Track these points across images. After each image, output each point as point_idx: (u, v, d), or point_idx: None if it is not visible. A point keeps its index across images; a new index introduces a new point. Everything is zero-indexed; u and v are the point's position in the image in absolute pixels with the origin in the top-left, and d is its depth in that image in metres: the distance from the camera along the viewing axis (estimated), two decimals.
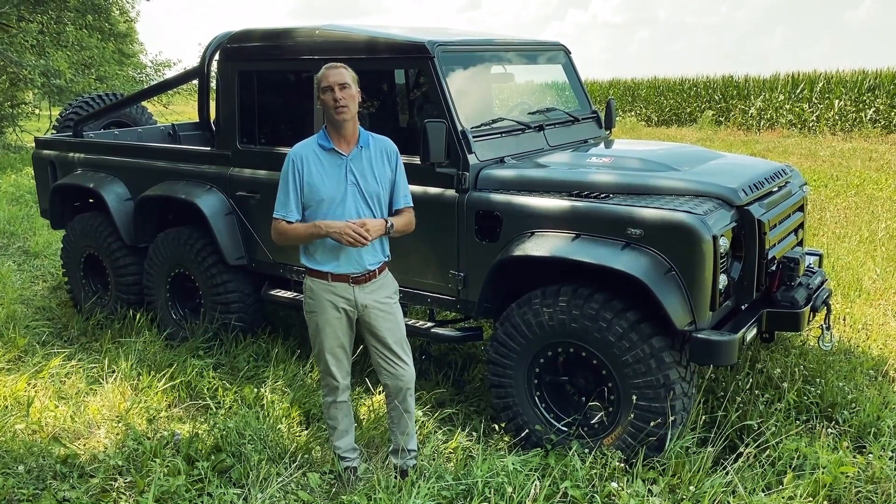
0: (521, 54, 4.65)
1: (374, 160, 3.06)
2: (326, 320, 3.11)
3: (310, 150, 3.02)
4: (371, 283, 3.13)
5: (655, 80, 24.16)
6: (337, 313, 3.11)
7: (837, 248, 6.63)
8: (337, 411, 3.29)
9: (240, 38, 4.54)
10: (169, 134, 6.30)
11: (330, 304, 3.09)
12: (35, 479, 3.31)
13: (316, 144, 3.03)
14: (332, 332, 3.13)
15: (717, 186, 3.43)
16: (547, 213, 3.46)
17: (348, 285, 3.08)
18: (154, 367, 4.41)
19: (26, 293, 6.22)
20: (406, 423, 3.28)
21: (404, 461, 3.33)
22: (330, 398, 3.27)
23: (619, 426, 3.30)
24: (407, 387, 3.24)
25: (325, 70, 2.98)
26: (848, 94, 19.12)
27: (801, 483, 3.07)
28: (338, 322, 3.12)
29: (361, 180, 3.02)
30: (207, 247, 4.69)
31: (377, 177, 3.06)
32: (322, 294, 3.09)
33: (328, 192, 2.99)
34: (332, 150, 3.01)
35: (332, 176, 3.00)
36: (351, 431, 3.36)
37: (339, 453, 3.33)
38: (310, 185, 2.99)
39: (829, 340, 3.84)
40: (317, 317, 3.13)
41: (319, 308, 3.11)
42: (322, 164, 3.01)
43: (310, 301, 3.14)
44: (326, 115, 3.00)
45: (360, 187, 3.02)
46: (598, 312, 3.25)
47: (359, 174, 3.02)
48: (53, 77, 15.52)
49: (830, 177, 10.80)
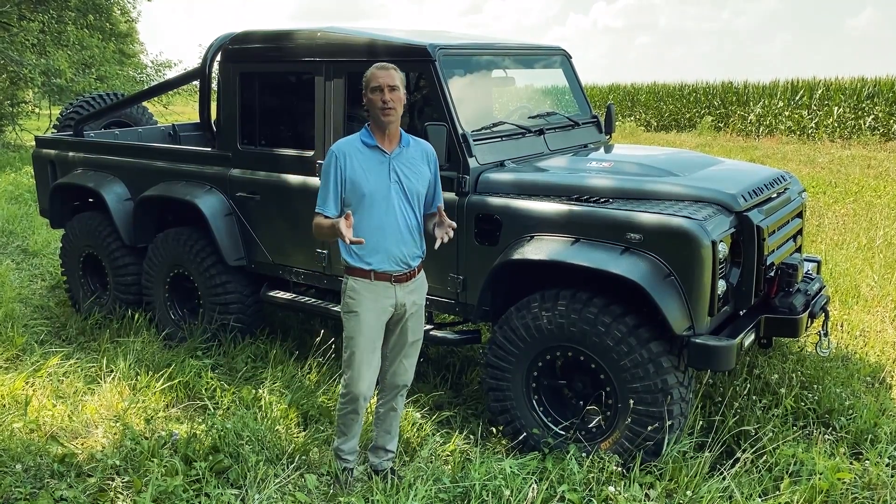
0: (522, 58, 4.66)
1: (415, 160, 3.09)
2: (366, 320, 3.07)
3: (352, 146, 3.01)
4: (411, 283, 3.13)
5: (655, 85, 24.19)
6: (378, 314, 3.08)
7: (835, 255, 6.65)
8: (351, 420, 3.25)
9: (241, 40, 4.55)
10: (169, 134, 6.30)
11: (373, 304, 3.06)
12: (33, 478, 3.31)
13: (359, 141, 3.03)
14: (370, 333, 3.09)
15: (717, 192, 3.44)
16: (546, 216, 3.47)
17: (390, 284, 3.07)
18: (152, 368, 4.40)
19: (25, 292, 6.21)
20: (390, 421, 3.32)
21: (381, 461, 3.35)
22: (349, 407, 3.21)
23: (617, 430, 3.31)
24: (406, 386, 3.29)
25: (375, 70, 2.97)
26: (847, 101, 19.16)
27: (797, 489, 3.08)
28: (377, 323, 3.09)
29: (404, 178, 3.05)
30: (207, 247, 4.69)
31: (419, 176, 3.09)
32: (364, 293, 3.06)
33: (371, 187, 2.99)
34: (375, 147, 3.02)
35: (375, 172, 3.01)
36: (357, 437, 3.34)
37: (341, 455, 3.32)
38: (352, 181, 2.98)
39: (827, 347, 3.84)
40: (356, 317, 3.08)
41: (361, 307, 3.06)
42: (365, 160, 3.00)
43: (350, 300, 3.09)
44: (372, 114, 3.00)
45: (402, 185, 3.04)
46: (596, 317, 3.26)
47: (401, 172, 3.04)
48: (54, 76, 15.52)
49: (829, 183, 10.82)
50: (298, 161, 4.27)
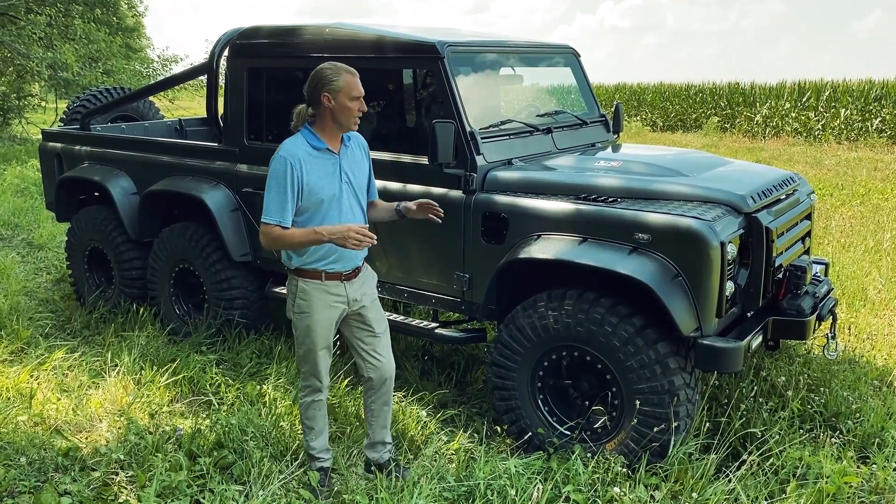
0: (530, 56, 4.64)
1: (357, 156, 3.09)
2: (319, 321, 3.07)
3: (303, 151, 2.94)
4: (359, 278, 3.14)
5: (661, 85, 24.12)
6: (330, 313, 3.08)
7: (842, 258, 6.62)
8: (315, 411, 3.25)
9: (249, 35, 4.54)
10: (176, 129, 6.30)
11: (324, 304, 3.06)
12: (37, 472, 3.31)
13: (306, 144, 2.95)
14: (324, 332, 3.10)
15: (726, 193, 3.42)
16: (554, 216, 3.46)
17: (339, 282, 3.06)
18: (157, 362, 4.40)
19: (30, 285, 6.22)
20: (385, 415, 3.32)
21: (380, 454, 3.35)
22: (310, 398, 3.23)
23: (623, 431, 3.30)
24: (390, 378, 3.27)
25: (352, 78, 2.92)
26: (854, 103, 19.08)
27: (804, 492, 3.06)
28: (330, 322, 3.09)
29: (353, 177, 3.05)
30: (212, 243, 4.69)
31: (361, 172, 3.10)
32: (315, 294, 3.05)
33: (327, 192, 2.96)
34: (325, 149, 2.97)
35: (329, 176, 2.97)
36: (325, 432, 3.32)
37: (314, 454, 3.30)
38: (309, 188, 2.92)
39: (834, 349, 3.82)
40: (309, 318, 3.07)
41: (312, 309, 3.06)
42: (318, 165, 2.96)
43: (301, 302, 3.07)
44: (337, 119, 2.94)
45: (352, 184, 3.04)
46: (603, 317, 3.24)
47: (350, 171, 3.04)
48: (60, 70, 15.54)
49: (836, 186, 10.77)
50: None
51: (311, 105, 2.97)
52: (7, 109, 16.89)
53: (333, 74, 2.91)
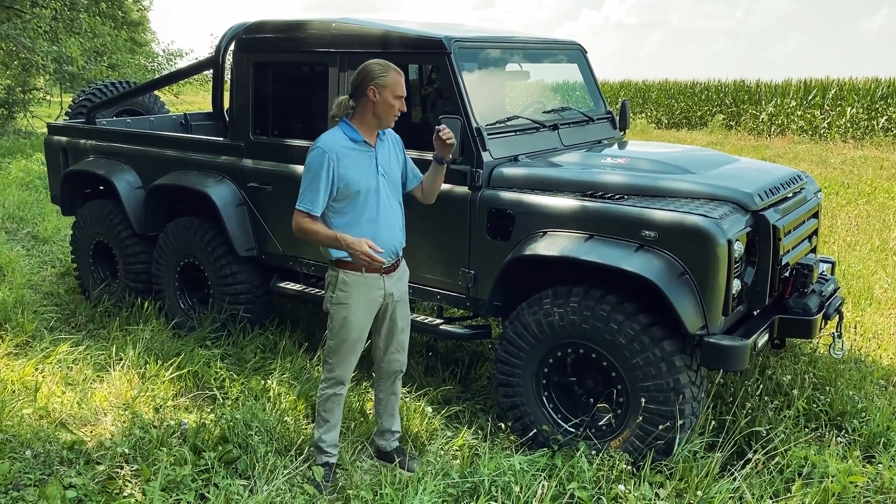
0: (537, 52, 4.63)
1: (390, 150, 3.16)
2: (356, 313, 3.12)
3: (339, 144, 3.00)
4: (397, 272, 3.20)
5: (667, 82, 24.04)
6: (368, 306, 3.13)
7: (848, 257, 6.60)
8: (334, 405, 3.29)
9: (255, 30, 4.53)
10: (181, 123, 6.30)
11: (363, 296, 3.11)
12: (42, 465, 3.31)
13: (344, 137, 3.02)
14: (360, 325, 3.15)
15: (733, 191, 3.40)
16: (560, 212, 3.45)
17: (379, 276, 3.11)
18: (161, 356, 4.40)
19: (35, 278, 6.23)
20: (393, 404, 3.44)
21: (388, 442, 3.46)
22: (332, 391, 3.26)
23: (627, 429, 3.29)
24: (402, 371, 3.40)
25: (399, 77, 2.99)
26: (860, 101, 19.00)
27: (809, 491, 3.05)
28: (367, 315, 3.15)
29: (389, 170, 3.12)
30: (217, 237, 4.68)
31: (395, 166, 3.16)
32: (355, 286, 3.09)
33: (363, 184, 3.02)
34: (363, 142, 3.04)
35: (364, 169, 3.03)
36: (338, 427, 3.36)
37: (323, 447, 3.30)
38: (345, 179, 2.99)
39: (841, 349, 3.81)
40: (347, 309, 3.11)
41: (351, 300, 3.10)
42: (354, 157, 3.02)
43: (340, 293, 3.11)
44: (377, 113, 2.99)
45: (387, 177, 3.11)
46: (609, 314, 3.23)
47: (384, 164, 3.10)
48: (65, 63, 15.57)
49: (841, 184, 10.74)
50: None
51: (354, 97, 3.02)
52: (12, 103, 16.92)
53: (382, 71, 2.97)
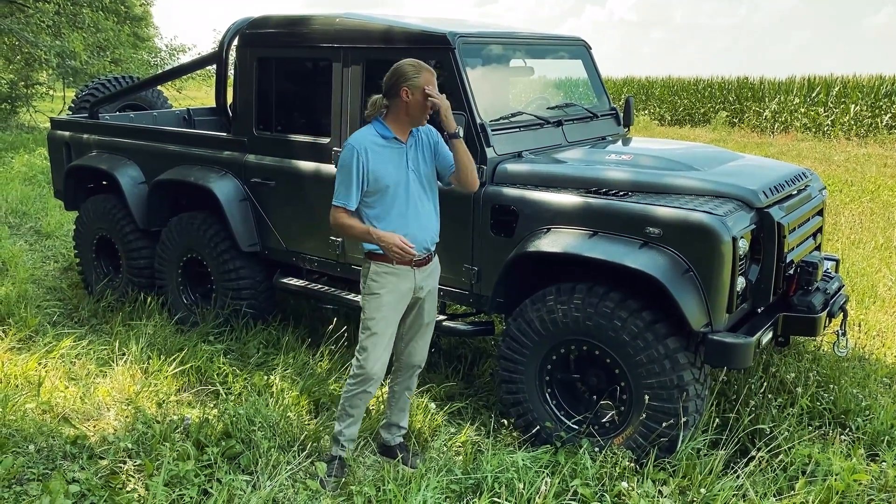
0: (541, 48, 4.61)
1: (423, 146, 3.17)
2: (388, 302, 3.14)
3: (370, 140, 3.04)
4: (429, 266, 3.22)
5: (670, 79, 23.99)
6: (400, 297, 3.16)
7: (852, 254, 6.58)
8: (360, 401, 3.29)
9: (259, 25, 4.52)
10: (184, 118, 6.29)
11: (394, 286, 3.14)
12: (45, 459, 3.32)
13: (375, 135, 3.06)
14: (392, 315, 3.18)
15: (738, 188, 3.39)
16: (564, 209, 3.44)
17: (410, 269, 3.13)
18: (164, 351, 4.41)
19: (38, 273, 6.23)
20: (405, 400, 3.45)
21: (393, 436, 3.48)
22: (360, 388, 3.24)
23: (631, 426, 3.28)
24: (420, 366, 3.41)
25: (431, 77, 3.01)
26: (864, 99, 18.95)
27: (813, 489, 3.05)
28: (398, 305, 3.18)
29: (421, 165, 3.13)
30: (221, 233, 4.68)
31: (427, 161, 3.17)
32: (387, 277, 3.12)
33: (393, 179, 3.05)
34: (393, 139, 3.07)
35: (394, 164, 3.07)
36: (360, 423, 3.37)
37: (342, 440, 3.31)
38: (374, 174, 3.03)
39: (845, 346, 3.80)
40: (378, 299, 3.14)
41: (383, 290, 3.13)
42: (384, 153, 3.05)
43: (372, 283, 3.14)
44: (410, 112, 3.01)
45: (419, 173, 3.13)
46: (613, 311, 3.22)
47: (416, 160, 3.12)
48: (68, 58, 15.55)
49: (845, 182, 10.71)
50: (314, 148, 4.25)
51: (388, 97, 3.05)
52: (15, 98, 16.93)
53: (415, 71, 2.99)
